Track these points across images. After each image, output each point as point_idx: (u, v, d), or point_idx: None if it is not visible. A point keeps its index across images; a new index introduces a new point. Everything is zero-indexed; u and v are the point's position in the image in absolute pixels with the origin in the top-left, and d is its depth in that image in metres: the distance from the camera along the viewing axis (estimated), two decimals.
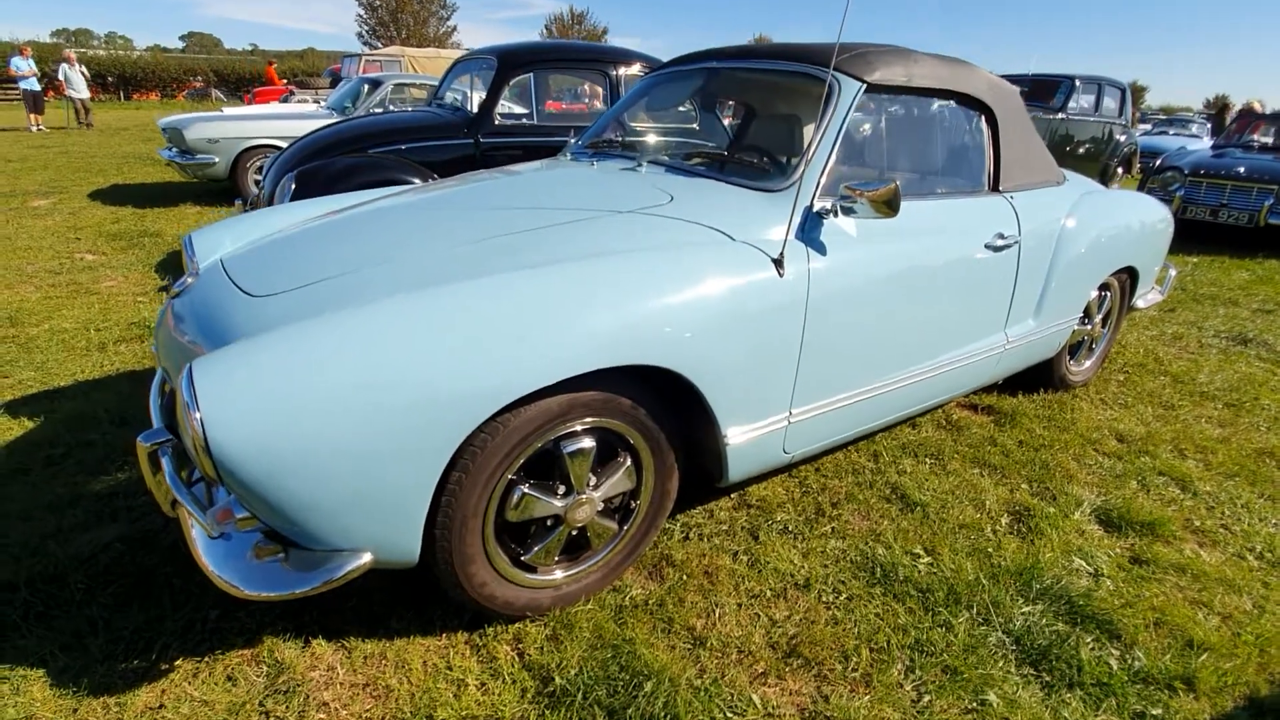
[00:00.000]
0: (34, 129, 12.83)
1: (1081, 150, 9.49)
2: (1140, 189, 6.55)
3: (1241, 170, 5.90)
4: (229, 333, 1.40)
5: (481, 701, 1.39)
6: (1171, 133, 16.77)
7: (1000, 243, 2.18)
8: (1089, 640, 1.59)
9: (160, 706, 1.37)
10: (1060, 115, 9.10)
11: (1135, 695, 1.45)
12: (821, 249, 1.74)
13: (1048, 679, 1.49)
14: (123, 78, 25.25)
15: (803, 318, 1.69)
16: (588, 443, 1.49)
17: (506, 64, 4.13)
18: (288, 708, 1.38)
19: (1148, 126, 19.92)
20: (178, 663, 1.47)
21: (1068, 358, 2.89)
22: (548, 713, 1.37)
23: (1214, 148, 7.03)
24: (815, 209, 1.76)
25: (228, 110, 7.38)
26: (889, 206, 1.65)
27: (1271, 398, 2.98)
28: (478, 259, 1.50)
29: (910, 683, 1.47)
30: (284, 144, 6.60)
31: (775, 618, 1.64)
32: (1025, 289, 2.36)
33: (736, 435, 1.66)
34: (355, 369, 1.17)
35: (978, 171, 2.28)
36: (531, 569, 1.55)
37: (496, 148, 4.15)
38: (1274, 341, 3.71)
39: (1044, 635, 1.59)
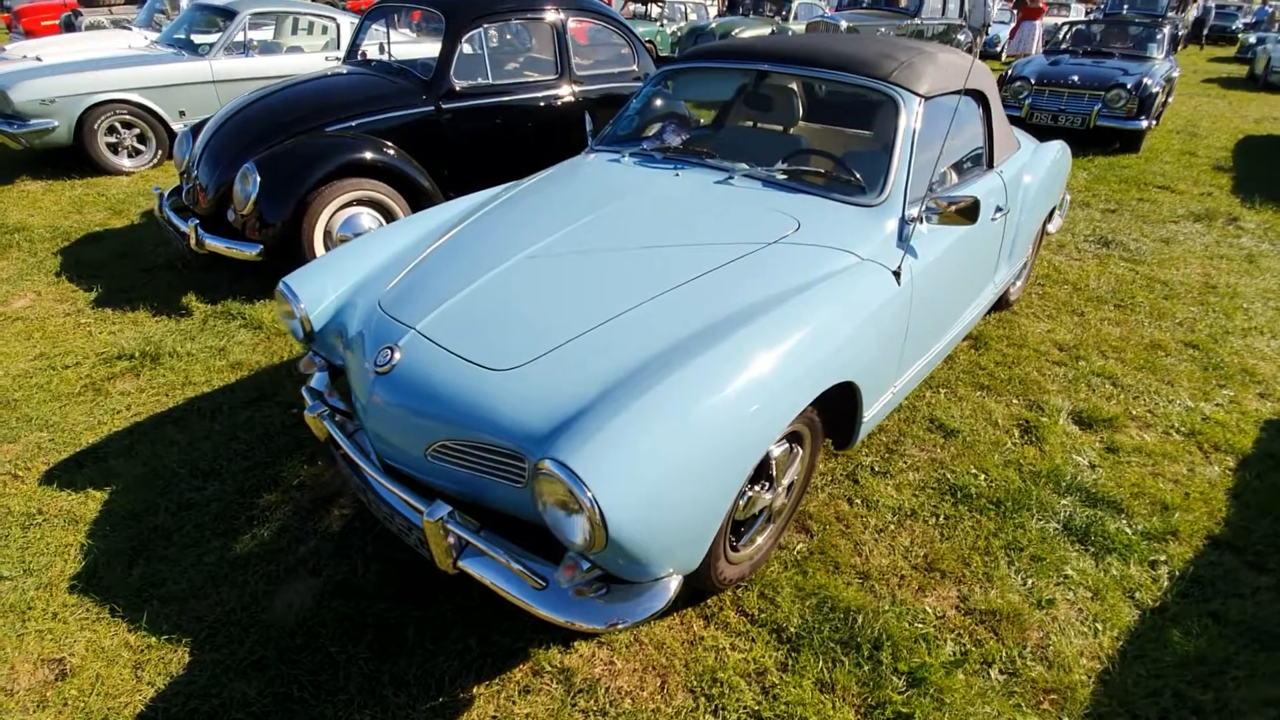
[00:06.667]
0: None
1: None
2: None
3: (1076, 79, 6.94)
4: (490, 407, 1.55)
5: (745, 659, 1.78)
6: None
7: (998, 215, 2.68)
8: (1106, 517, 2.26)
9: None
10: (915, 20, 9.87)
11: (1147, 549, 2.14)
12: (914, 252, 2.12)
13: (1094, 550, 2.14)
14: None
15: (909, 311, 2.09)
16: (784, 446, 1.84)
17: (456, 19, 3.89)
18: (595, 700, 1.68)
19: None
20: (475, 690, 1.70)
21: None
22: (796, 654, 1.79)
23: (1048, 53, 8.09)
24: (907, 218, 2.12)
25: (48, 59, 6.02)
26: (969, 217, 2.04)
27: (1143, 295, 3.90)
28: (689, 315, 1.71)
29: (1015, 573, 2.05)
30: (138, 97, 5.65)
31: (904, 545, 2.15)
32: (1006, 244, 2.92)
33: (869, 413, 2.07)
34: (681, 438, 1.42)
35: (980, 154, 2.73)
36: (739, 549, 1.91)
37: (461, 112, 3.97)
38: (1126, 240, 4.70)
39: (1082, 519, 2.24)
